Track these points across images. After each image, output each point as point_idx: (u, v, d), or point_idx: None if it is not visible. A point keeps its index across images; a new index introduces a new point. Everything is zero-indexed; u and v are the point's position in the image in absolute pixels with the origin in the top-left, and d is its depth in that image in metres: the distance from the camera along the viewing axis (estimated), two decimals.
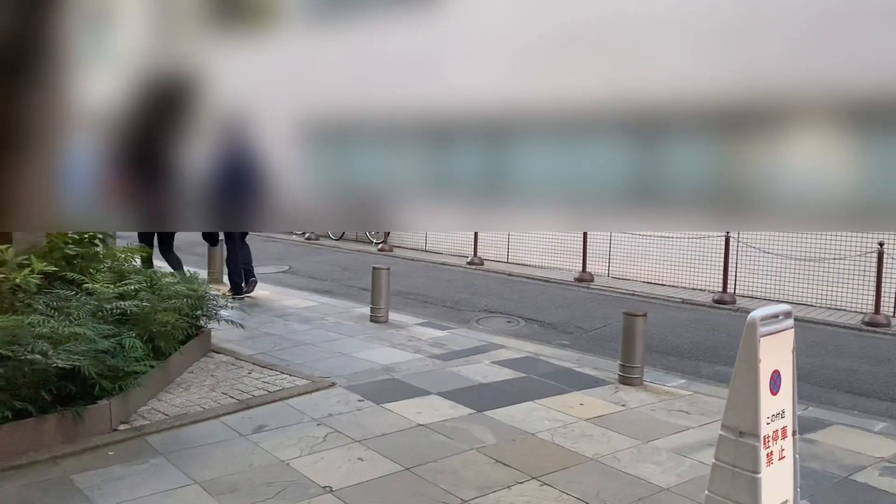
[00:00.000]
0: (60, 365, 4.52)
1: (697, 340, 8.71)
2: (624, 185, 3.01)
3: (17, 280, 5.17)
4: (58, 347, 4.64)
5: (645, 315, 6.52)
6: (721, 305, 10.77)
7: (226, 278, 10.19)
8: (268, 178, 3.15)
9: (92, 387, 4.83)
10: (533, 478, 4.41)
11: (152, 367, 5.54)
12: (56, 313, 5.14)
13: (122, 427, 4.98)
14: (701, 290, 11.75)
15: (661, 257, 12.39)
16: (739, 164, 2.88)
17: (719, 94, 2.77)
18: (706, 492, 3.28)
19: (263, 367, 6.57)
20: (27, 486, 4.13)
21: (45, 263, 5.39)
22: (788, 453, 3.35)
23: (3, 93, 2.85)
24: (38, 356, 4.47)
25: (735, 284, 11.38)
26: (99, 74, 2.95)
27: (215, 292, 7.17)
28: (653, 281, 12.38)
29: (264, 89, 3.08)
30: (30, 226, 4.72)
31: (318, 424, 5.20)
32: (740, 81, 2.73)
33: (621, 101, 2.87)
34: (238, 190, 3.16)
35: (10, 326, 4.53)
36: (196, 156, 3.05)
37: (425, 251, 15.83)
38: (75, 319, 5.05)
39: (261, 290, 10.35)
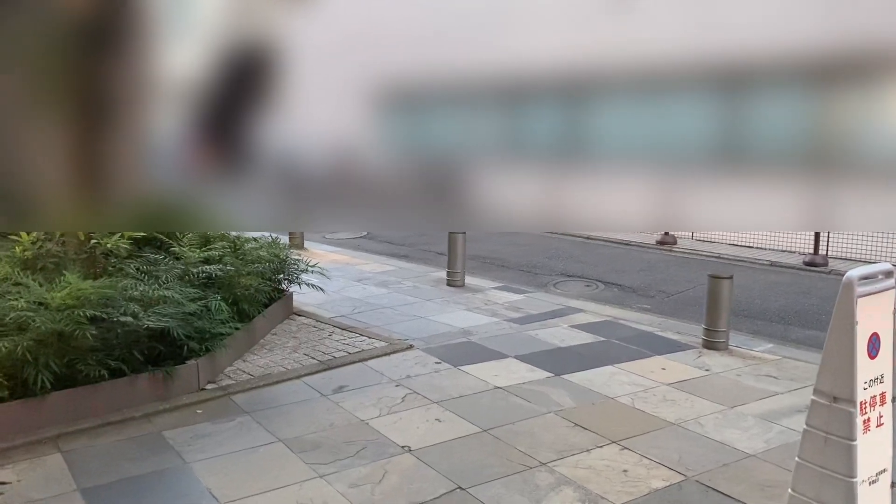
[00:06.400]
0: (151, 326, 4.70)
1: (786, 304, 8.36)
2: (714, 154, 2.82)
3: (109, 245, 5.38)
4: (148, 310, 4.83)
5: (731, 277, 6.28)
6: (812, 268, 10.29)
7: (307, 243, 10.37)
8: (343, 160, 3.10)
9: (180, 348, 5.02)
10: (613, 442, 4.34)
11: (237, 328, 5.71)
12: (146, 277, 5.34)
13: (209, 386, 5.16)
14: (791, 252, 11.26)
15: None
16: (837, 122, 2.67)
17: (814, 45, 2.56)
18: (797, 458, 3.13)
19: (343, 329, 6.69)
20: (124, 441, 4.33)
21: None
22: (887, 420, 3.16)
23: (91, 68, 2.90)
24: (130, 318, 4.66)
25: (828, 246, 10.84)
26: (180, 46, 2.97)
27: (296, 257, 7.32)
28: (739, 243, 11.94)
29: (334, 56, 3.03)
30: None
31: (397, 385, 5.26)
32: (838, 31, 2.52)
33: (708, 56, 2.69)
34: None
35: (103, 290, 4.73)
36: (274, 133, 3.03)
37: None
38: (164, 283, 5.25)
39: (340, 255, 10.51)
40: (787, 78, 2.65)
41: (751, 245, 11.79)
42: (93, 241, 5.43)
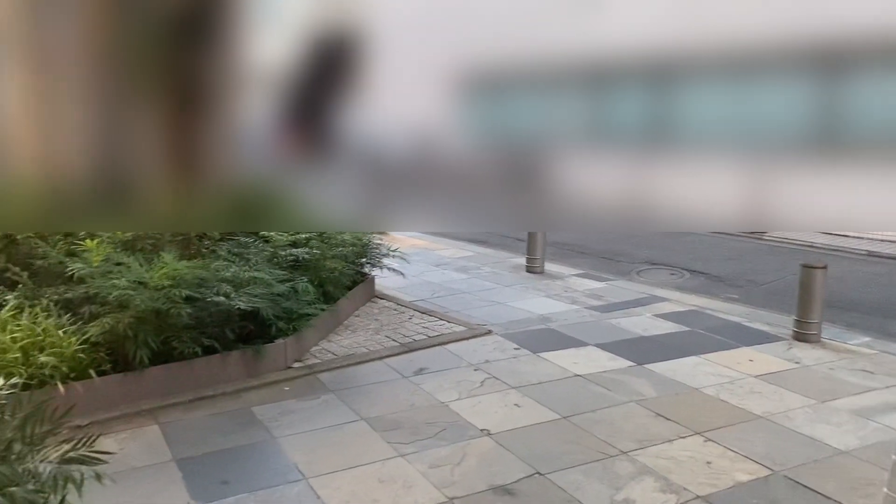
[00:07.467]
0: (241, 307, 4.89)
1: (885, 296, 7.96)
2: (812, 144, 2.68)
3: None
4: (239, 290, 5.02)
5: (825, 267, 6.04)
6: None
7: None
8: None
9: (269, 327, 5.21)
10: (696, 433, 4.26)
11: (323, 310, 5.88)
12: (237, 259, 5.55)
13: (296, 365, 5.34)
14: (890, 241, 10.70)
15: None
16: None
17: None
18: (893, 457, 3.01)
19: (423, 313, 6.78)
20: (215, 415, 4.54)
21: None
22: None
23: (185, 59, 3.00)
24: (222, 298, 4.86)
25: None
26: (270, 34, 3.04)
27: (378, 241, 7.46)
28: (834, 231, 11.42)
29: (419, 40, 3.04)
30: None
31: (476, 370, 5.30)
32: None
33: (805, 34, 2.57)
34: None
35: (197, 270, 4.94)
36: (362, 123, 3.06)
37: None
38: (254, 265, 5.45)
39: (419, 240, 10.63)
40: (893, 58, 2.51)
41: (846, 234, 11.26)
42: None
